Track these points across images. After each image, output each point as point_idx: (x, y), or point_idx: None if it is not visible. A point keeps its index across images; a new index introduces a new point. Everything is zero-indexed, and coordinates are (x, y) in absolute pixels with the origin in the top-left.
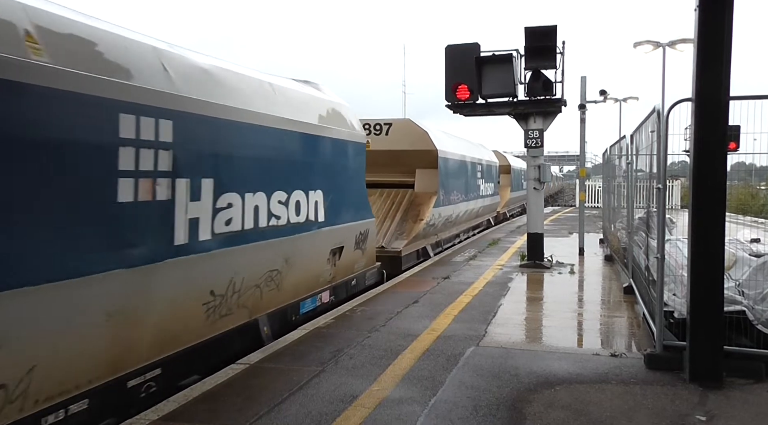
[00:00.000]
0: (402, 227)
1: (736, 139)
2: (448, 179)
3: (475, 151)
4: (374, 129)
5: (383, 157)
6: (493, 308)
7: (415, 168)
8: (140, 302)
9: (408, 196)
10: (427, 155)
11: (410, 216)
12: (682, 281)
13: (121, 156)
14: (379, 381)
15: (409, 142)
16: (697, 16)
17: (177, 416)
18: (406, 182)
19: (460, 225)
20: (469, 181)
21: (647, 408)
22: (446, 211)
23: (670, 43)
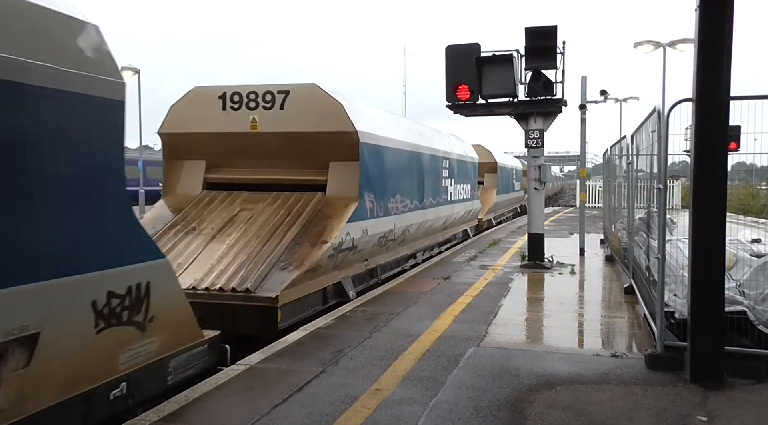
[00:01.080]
0: (293, 255)
1: (737, 139)
2: (381, 177)
3: (441, 141)
4: (263, 100)
5: (277, 142)
6: (493, 309)
7: (328, 161)
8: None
9: (315, 203)
10: (345, 141)
11: (308, 236)
12: (682, 281)
13: None
14: (380, 381)
15: (316, 119)
16: (698, 16)
17: (177, 416)
18: (314, 181)
19: (416, 243)
20: (429, 181)
21: (648, 409)
22: (379, 226)
23: (670, 44)
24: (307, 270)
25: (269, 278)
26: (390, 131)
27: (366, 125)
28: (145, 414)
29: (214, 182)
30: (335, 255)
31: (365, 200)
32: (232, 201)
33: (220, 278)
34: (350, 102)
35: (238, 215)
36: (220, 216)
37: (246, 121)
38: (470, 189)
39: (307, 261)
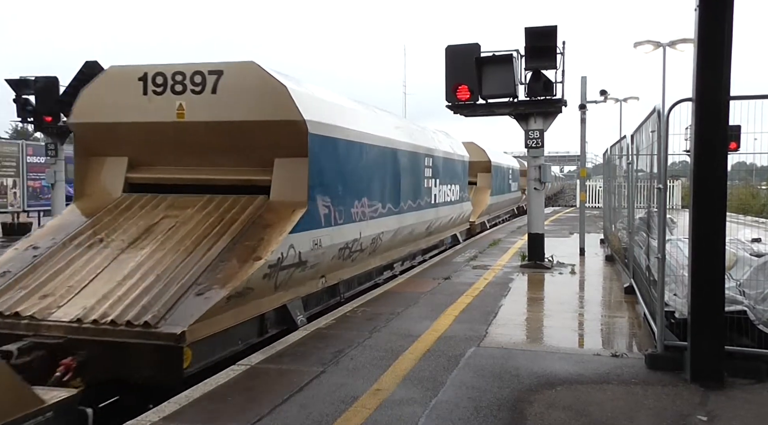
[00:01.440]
0: (215, 275)
1: (737, 139)
2: (341, 177)
3: (423, 137)
4: (191, 82)
5: (209, 134)
6: (493, 309)
7: (273, 157)
8: None
9: (254, 209)
10: (291, 132)
11: (239, 251)
12: (683, 281)
13: None
14: (380, 381)
15: (255, 106)
16: (698, 15)
17: (178, 417)
18: (256, 182)
19: (393, 252)
20: (407, 181)
21: (648, 409)
22: (338, 235)
23: (670, 43)
24: (232, 295)
25: (179, 306)
26: (355, 122)
27: (318, 112)
28: (146, 414)
29: (137, 182)
30: (273, 274)
31: (318, 204)
32: (155, 206)
33: (116, 307)
34: (298, 84)
35: (160, 223)
36: (137, 225)
37: (171, 108)
38: (459, 190)
39: (231, 283)
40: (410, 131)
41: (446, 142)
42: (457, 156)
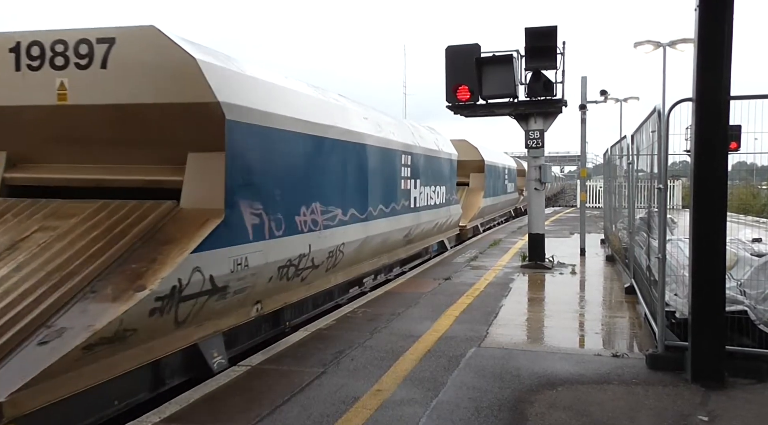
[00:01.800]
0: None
1: (737, 139)
2: (278, 176)
3: (399, 131)
4: (76, 54)
5: (100, 120)
6: (494, 309)
7: (186, 151)
8: None
9: (154, 219)
10: (205, 118)
11: (117, 278)
12: (683, 281)
13: None
14: (381, 382)
15: (156, 84)
16: (698, 15)
17: (179, 418)
18: (161, 184)
19: (360, 266)
20: (375, 182)
21: (649, 409)
22: (275, 250)
23: (670, 43)
24: (94, 343)
25: (8, 362)
26: (301, 110)
27: (243, 94)
28: (147, 415)
29: (18, 184)
30: (169, 307)
31: (242, 212)
32: (32, 214)
33: None
34: (216, 57)
35: (30, 237)
36: (1, 238)
37: (51, 87)
38: (446, 192)
39: (95, 326)
40: (383, 123)
41: (430, 138)
42: (444, 154)
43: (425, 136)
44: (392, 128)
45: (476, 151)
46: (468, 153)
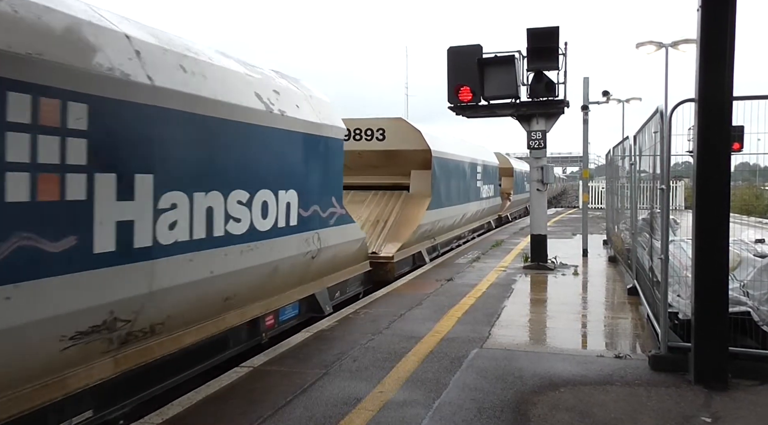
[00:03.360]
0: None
1: (740, 139)
2: None
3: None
4: None
5: None
6: (496, 310)
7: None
8: None
9: None
10: None
11: None
12: (686, 282)
13: None
14: (383, 383)
15: None
16: (700, 16)
17: (181, 419)
18: None
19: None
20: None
21: (652, 410)
22: None
23: (672, 44)
24: None
25: None
26: None
27: None
28: (149, 416)
29: None
30: None
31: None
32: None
33: None
34: None
35: None
36: None
37: None
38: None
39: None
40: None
41: (486, 153)
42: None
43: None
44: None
45: (420, 136)
46: (406, 139)
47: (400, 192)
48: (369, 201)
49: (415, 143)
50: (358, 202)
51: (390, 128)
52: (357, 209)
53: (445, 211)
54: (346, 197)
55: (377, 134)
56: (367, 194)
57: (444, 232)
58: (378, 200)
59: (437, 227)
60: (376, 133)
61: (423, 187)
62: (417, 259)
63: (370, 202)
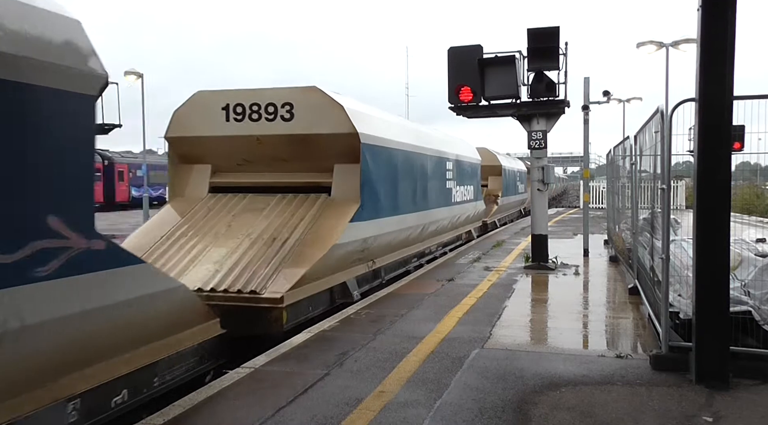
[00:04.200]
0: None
1: (741, 139)
2: None
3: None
4: None
5: None
6: (497, 310)
7: None
8: None
9: None
10: None
11: None
12: (687, 281)
13: None
14: (384, 383)
15: None
16: (700, 16)
17: (182, 420)
18: None
19: None
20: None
21: (653, 410)
22: None
23: (673, 44)
24: None
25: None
26: None
27: None
28: (151, 417)
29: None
30: None
31: None
32: (235, 205)
33: None
34: None
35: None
36: None
37: None
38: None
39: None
40: None
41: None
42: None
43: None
44: None
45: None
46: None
47: (319, 196)
48: (271, 209)
49: (335, 123)
50: (254, 210)
51: (299, 102)
52: (249, 220)
53: (386, 222)
54: (238, 203)
55: (282, 110)
56: (270, 199)
57: (390, 251)
58: (285, 207)
59: (374, 245)
60: (281, 109)
61: (349, 188)
62: (341, 293)
63: (271, 210)
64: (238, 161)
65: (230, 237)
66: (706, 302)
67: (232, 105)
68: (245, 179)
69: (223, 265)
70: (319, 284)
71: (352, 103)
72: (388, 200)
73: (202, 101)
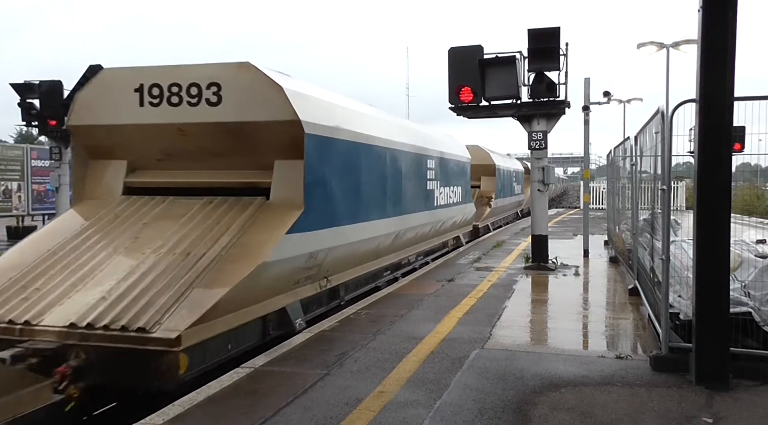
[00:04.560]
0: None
1: (741, 140)
2: None
3: None
4: None
5: None
6: (497, 311)
7: None
8: None
9: None
10: None
11: None
12: (687, 282)
13: None
14: (384, 384)
15: None
16: (701, 17)
17: (182, 419)
18: None
19: None
20: None
21: (653, 410)
22: None
23: (673, 45)
24: None
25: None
26: None
27: None
28: (150, 417)
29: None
30: None
31: None
32: (150, 209)
33: None
34: None
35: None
36: None
37: None
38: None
39: None
40: None
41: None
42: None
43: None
44: None
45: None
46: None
47: (254, 199)
48: (193, 215)
49: (273, 108)
50: (172, 216)
51: (229, 82)
52: (162, 230)
53: (345, 231)
54: (155, 208)
55: (207, 93)
56: (195, 203)
57: (352, 265)
58: (210, 212)
59: (328, 259)
60: (206, 91)
61: (292, 189)
62: (279, 323)
63: (192, 217)
64: (158, 155)
65: (133, 252)
66: (706, 304)
67: (146, 86)
68: (167, 177)
69: (113, 291)
70: (244, 313)
71: (296, 84)
72: (348, 205)
73: (110, 81)
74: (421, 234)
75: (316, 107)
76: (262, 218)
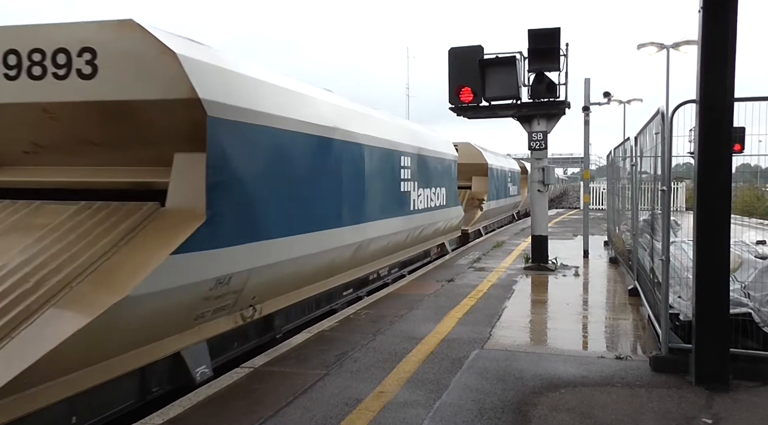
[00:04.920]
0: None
1: (741, 140)
2: None
3: None
4: None
5: None
6: (497, 311)
7: None
8: None
9: None
10: None
11: None
12: (687, 283)
13: None
14: (384, 384)
15: None
16: (701, 18)
17: (182, 419)
18: None
19: None
20: None
21: (653, 411)
22: None
23: (674, 45)
24: None
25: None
26: None
27: None
28: (150, 416)
29: None
30: None
31: None
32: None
33: None
34: None
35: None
36: None
37: None
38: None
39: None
40: None
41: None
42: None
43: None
44: None
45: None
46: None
47: (143, 205)
48: (58, 225)
49: (166, 82)
50: (31, 227)
51: (106, 46)
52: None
53: (278, 246)
54: (12, 215)
55: (79, 61)
56: (68, 209)
57: (293, 287)
58: (83, 222)
59: (254, 283)
60: (77, 59)
61: (192, 192)
62: (171, 375)
63: (56, 227)
64: (24, 146)
65: None
66: (706, 304)
67: (0, 53)
68: (37, 175)
69: None
70: (103, 368)
71: (202, 51)
72: (281, 212)
73: None
74: (395, 243)
75: (226, 83)
76: (148, 232)
